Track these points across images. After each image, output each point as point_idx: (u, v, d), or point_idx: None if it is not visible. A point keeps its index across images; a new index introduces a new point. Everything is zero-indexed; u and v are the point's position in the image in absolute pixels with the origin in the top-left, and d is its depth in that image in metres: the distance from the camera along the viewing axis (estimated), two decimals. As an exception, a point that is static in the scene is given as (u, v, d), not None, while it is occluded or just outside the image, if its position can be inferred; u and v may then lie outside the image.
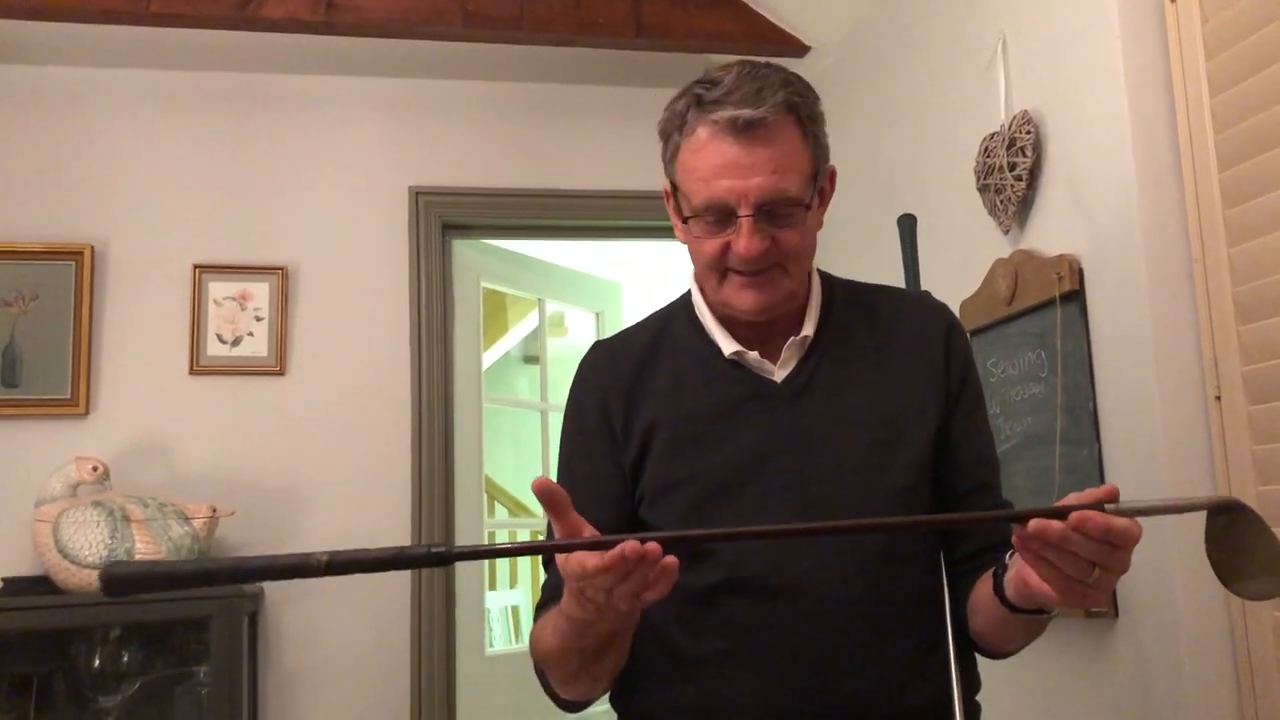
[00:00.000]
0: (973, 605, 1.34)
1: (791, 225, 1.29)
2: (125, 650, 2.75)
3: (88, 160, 3.05)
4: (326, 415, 3.06)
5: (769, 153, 1.26)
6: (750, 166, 1.26)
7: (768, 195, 1.26)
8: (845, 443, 1.34)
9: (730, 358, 1.38)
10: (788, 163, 1.27)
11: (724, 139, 1.26)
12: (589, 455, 1.41)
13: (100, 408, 2.96)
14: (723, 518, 1.32)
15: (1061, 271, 2.00)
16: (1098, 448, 1.92)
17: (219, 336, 3.04)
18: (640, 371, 1.41)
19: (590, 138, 3.33)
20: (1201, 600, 1.74)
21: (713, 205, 1.28)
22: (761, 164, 1.26)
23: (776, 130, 1.26)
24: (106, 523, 2.63)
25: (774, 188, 1.26)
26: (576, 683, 1.31)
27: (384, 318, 3.14)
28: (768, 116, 1.25)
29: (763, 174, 1.26)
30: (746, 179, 1.26)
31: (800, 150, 1.29)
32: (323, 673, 2.95)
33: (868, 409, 1.36)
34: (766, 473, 1.32)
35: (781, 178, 1.26)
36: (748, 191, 1.26)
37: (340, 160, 3.19)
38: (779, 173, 1.26)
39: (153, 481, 2.90)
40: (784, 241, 1.29)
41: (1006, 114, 2.19)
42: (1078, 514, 1.02)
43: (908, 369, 1.39)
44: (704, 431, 1.35)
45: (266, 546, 2.96)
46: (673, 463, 1.35)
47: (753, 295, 1.32)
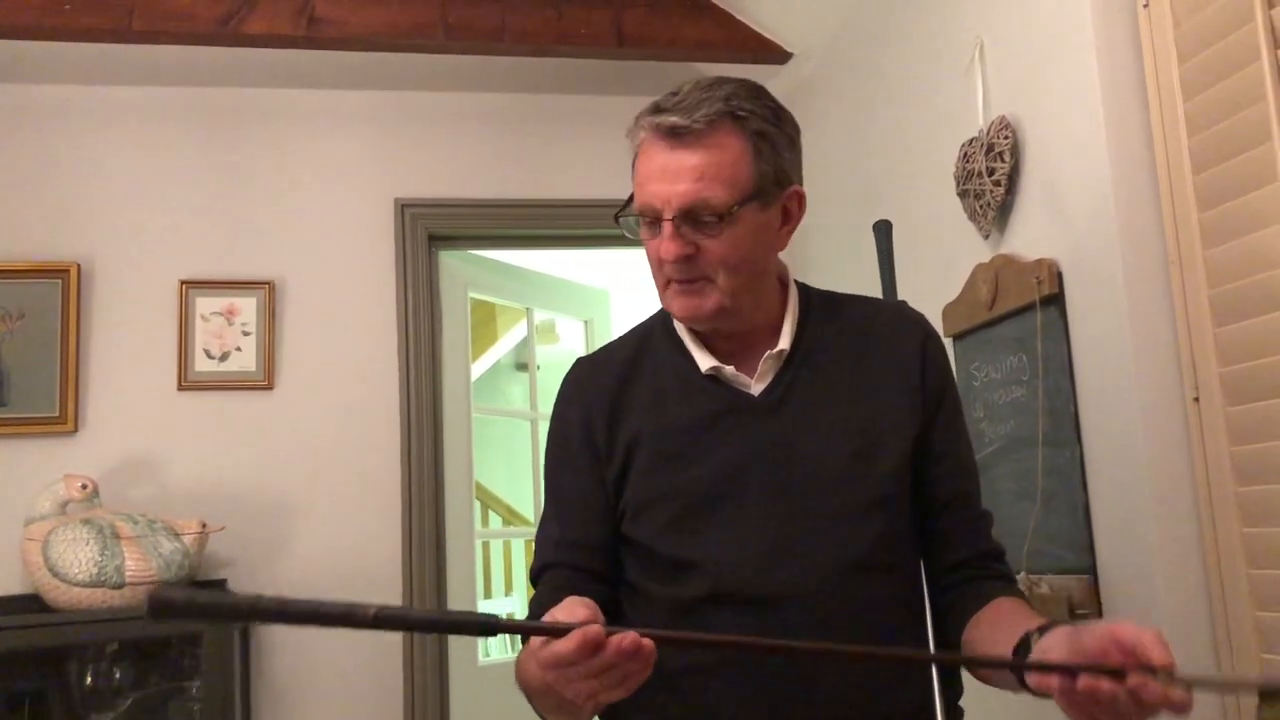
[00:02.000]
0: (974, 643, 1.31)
1: (715, 235, 1.30)
2: (118, 667, 2.74)
3: (72, 178, 3.06)
4: (315, 429, 3.06)
5: (696, 160, 1.28)
6: (676, 173, 1.29)
7: (689, 202, 1.28)
8: (823, 454, 1.35)
9: (708, 373, 1.39)
10: (715, 172, 1.28)
11: (658, 144, 1.30)
12: (574, 470, 1.43)
13: (89, 425, 2.96)
14: (704, 531, 1.33)
15: (1041, 275, 2.01)
16: (1079, 450, 1.94)
17: (207, 352, 3.05)
18: (622, 387, 1.42)
19: (574, 147, 3.34)
20: (1182, 600, 1.76)
21: (644, 209, 1.32)
22: (686, 171, 1.28)
23: (709, 139, 1.28)
24: (96, 540, 2.63)
25: (696, 195, 1.28)
26: (559, 714, 1.31)
27: (372, 330, 3.15)
28: (696, 125, 1.28)
29: (687, 181, 1.28)
30: (671, 184, 1.29)
31: (738, 162, 1.30)
32: (315, 686, 2.95)
33: (845, 420, 1.37)
34: (746, 485, 1.34)
35: (705, 186, 1.28)
36: (670, 197, 1.29)
37: (325, 174, 3.20)
38: (703, 181, 1.28)
39: (142, 498, 2.90)
40: (709, 251, 1.31)
41: (985, 119, 2.20)
42: (1135, 682, 0.97)
43: (885, 380, 1.40)
44: (684, 446, 1.36)
45: (257, 561, 2.96)
46: (654, 477, 1.37)
47: (682, 302, 1.35)
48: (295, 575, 2.97)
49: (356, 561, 3.02)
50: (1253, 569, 1.67)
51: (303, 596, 2.97)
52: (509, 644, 5.75)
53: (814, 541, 1.31)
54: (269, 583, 2.95)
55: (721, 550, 1.32)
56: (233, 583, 2.93)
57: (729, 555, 1.32)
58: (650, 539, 1.36)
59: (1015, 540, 2.06)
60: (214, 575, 2.92)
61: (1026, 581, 2.02)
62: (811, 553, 1.31)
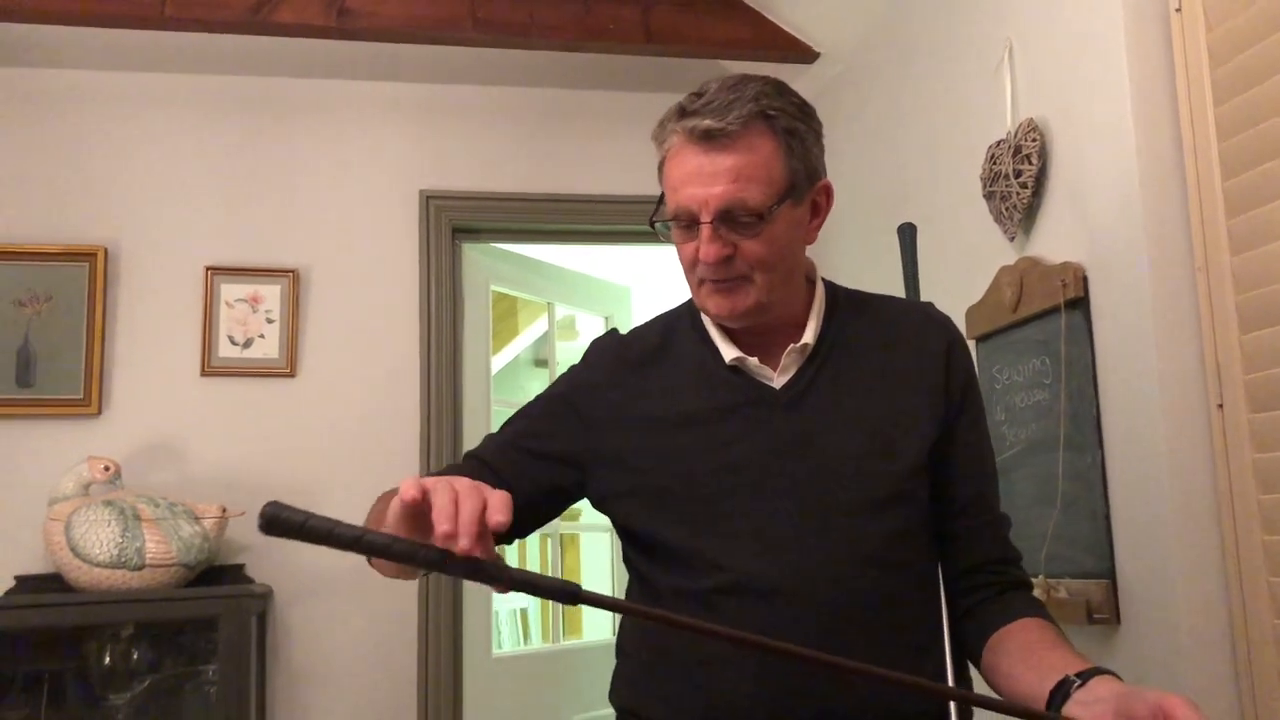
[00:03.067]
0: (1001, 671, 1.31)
1: (753, 234, 1.31)
2: (135, 649, 2.77)
3: (102, 163, 3.08)
4: (336, 417, 3.08)
5: (731, 162, 1.29)
6: (712, 175, 1.29)
7: (727, 203, 1.29)
8: (841, 449, 1.35)
9: (731, 364, 1.39)
10: (751, 172, 1.29)
11: (691, 148, 1.30)
12: (550, 423, 1.44)
13: (112, 408, 2.99)
14: (718, 522, 1.33)
15: (1066, 279, 2.00)
16: (1100, 455, 1.93)
17: (230, 338, 3.07)
18: (644, 368, 1.43)
19: (599, 143, 3.35)
20: (1202, 607, 1.75)
21: (680, 212, 1.33)
22: (723, 173, 1.29)
23: (743, 140, 1.29)
24: (118, 521, 2.66)
25: (733, 196, 1.29)
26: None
27: (394, 321, 3.16)
28: (730, 127, 1.28)
29: (723, 183, 1.29)
30: (708, 187, 1.29)
31: (771, 161, 1.31)
32: (330, 672, 2.97)
33: (865, 417, 1.37)
34: (763, 477, 1.34)
35: (742, 187, 1.29)
36: (708, 200, 1.29)
37: (351, 164, 3.22)
38: (739, 182, 1.29)
39: (163, 481, 2.93)
40: (747, 250, 1.32)
41: (1013, 121, 2.20)
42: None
43: (908, 380, 1.40)
44: (700, 434, 1.37)
45: (276, 547, 2.98)
46: (669, 464, 1.36)
47: (718, 301, 1.36)
48: (312, 563, 2.99)
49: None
50: (1273, 577, 1.67)
51: (319, 581, 2.95)
52: (521, 637, 5.77)
53: (828, 535, 1.32)
54: (286, 568, 2.97)
55: (736, 542, 1.32)
56: (251, 568, 2.95)
57: (743, 547, 1.32)
58: (661, 528, 1.36)
59: (1034, 543, 2.06)
60: (232, 560, 2.94)
61: (1044, 585, 2.01)
62: (825, 546, 1.31)
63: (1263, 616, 1.68)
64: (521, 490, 1.39)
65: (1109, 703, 1.07)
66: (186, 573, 2.72)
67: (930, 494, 1.39)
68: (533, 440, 1.44)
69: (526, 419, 1.48)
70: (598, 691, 3.72)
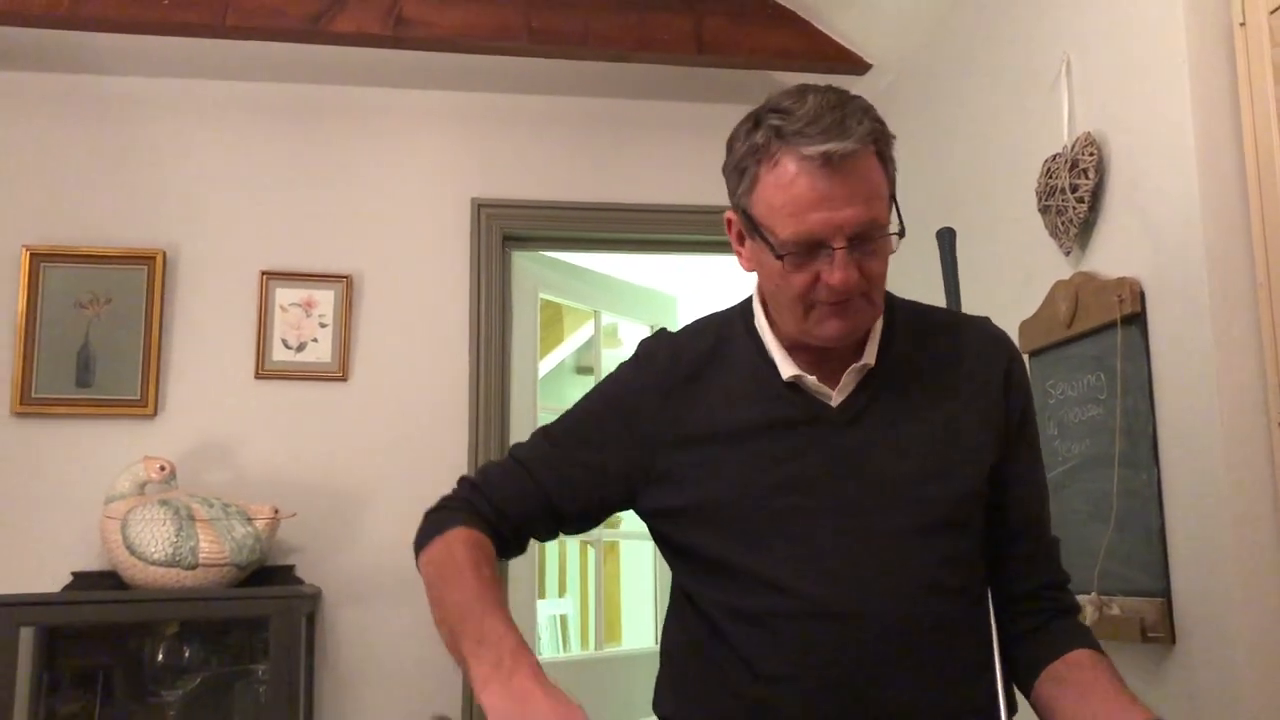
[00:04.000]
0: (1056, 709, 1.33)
1: (879, 253, 1.30)
2: (187, 646, 2.81)
3: (161, 168, 3.14)
4: (387, 421, 3.11)
5: (858, 183, 1.26)
6: (843, 198, 1.25)
7: (860, 226, 1.27)
8: (897, 472, 1.33)
9: (789, 380, 1.37)
10: (873, 190, 1.28)
11: (815, 173, 1.25)
12: (603, 431, 1.41)
13: (168, 409, 3.04)
14: (771, 540, 1.32)
15: (1123, 294, 1.99)
16: (1157, 472, 1.91)
17: (284, 342, 3.11)
18: (695, 378, 1.40)
19: (650, 152, 3.36)
20: (1261, 628, 1.73)
21: (804, 239, 1.27)
22: (853, 195, 1.26)
23: (862, 160, 1.26)
24: (173, 521, 2.70)
25: (866, 218, 1.27)
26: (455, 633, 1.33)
27: (444, 327, 3.19)
28: (858, 149, 1.25)
29: (855, 205, 1.26)
30: (839, 210, 1.26)
31: (881, 177, 1.29)
32: (377, 673, 3.00)
33: (922, 440, 1.35)
34: (818, 497, 1.32)
35: (870, 206, 1.27)
36: (842, 223, 1.26)
37: (405, 171, 3.25)
38: (868, 201, 1.27)
39: (217, 482, 2.97)
40: (870, 269, 1.30)
41: (1069, 135, 2.19)
42: None
43: (966, 402, 1.38)
44: (755, 450, 1.35)
45: (326, 548, 3.02)
46: (722, 481, 1.35)
47: (837, 324, 1.32)
48: (361, 565, 3.03)
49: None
50: (1335, 599, 1.64)
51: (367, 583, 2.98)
52: (560, 644, 5.79)
53: (883, 559, 1.30)
54: (336, 570, 3.00)
55: (790, 563, 1.31)
56: (301, 569, 2.98)
57: (797, 568, 1.31)
58: (712, 546, 1.35)
59: (1087, 560, 2.04)
60: (283, 561, 2.98)
61: (1098, 602, 2.00)
62: (880, 570, 1.30)
63: (1323, 639, 1.66)
64: (566, 500, 1.42)
65: None
66: (238, 573, 2.76)
67: (985, 517, 1.39)
68: (582, 451, 1.42)
69: (577, 427, 1.45)
70: (638, 699, 3.71)
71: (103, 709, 2.82)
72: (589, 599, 5.64)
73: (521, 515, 1.42)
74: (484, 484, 1.44)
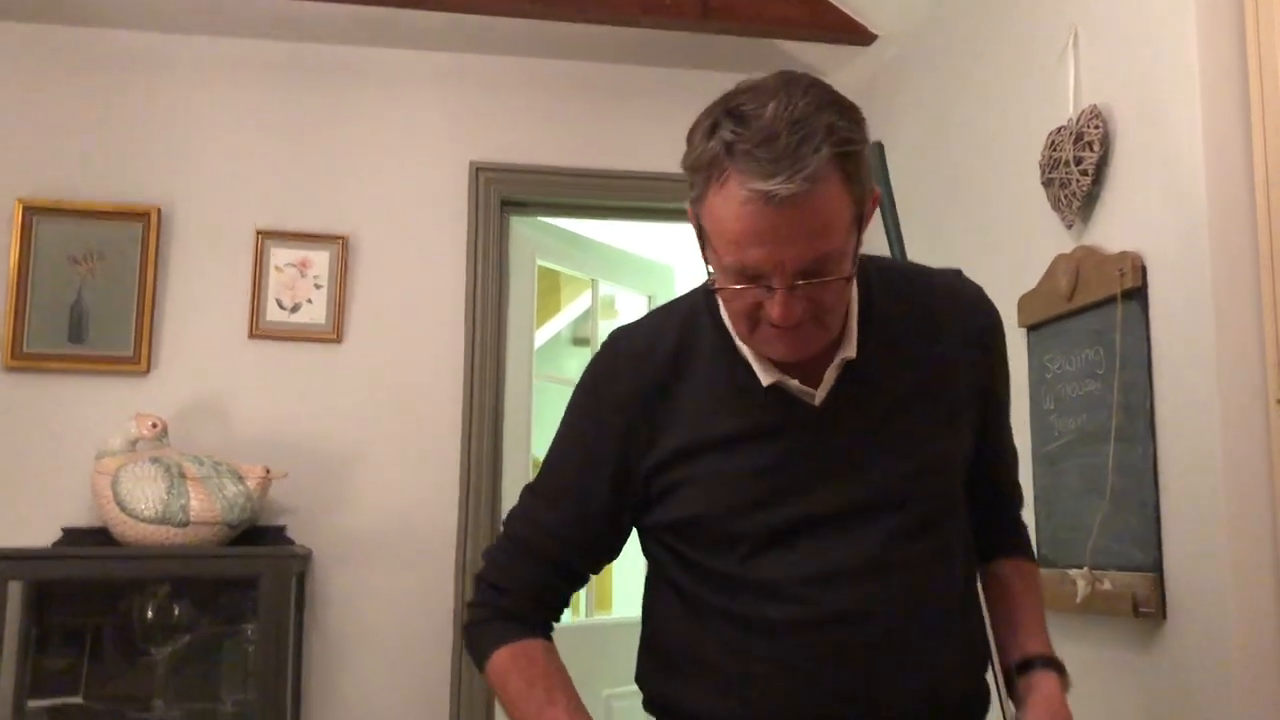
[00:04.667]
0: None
1: (830, 284, 1.19)
2: (177, 605, 2.80)
3: (157, 124, 3.11)
4: (380, 384, 3.10)
5: (806, 220, 1.14)
6: (787, 237, 1.14)
7: (806, 264, 1.16)
8: (887, 468, 1.30)
9: (769, 386, 1.30)
10: (827, 221, 1.16)
11: (759, 210, 1.13)
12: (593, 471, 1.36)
13: (161, 366, 3.02)
14: (760, 549, 1.30)
15: (1124, 268, 1.98)
16: (1153, 447, 1.91)
17: (279, 302, 3.09)
18: (667, 389, 1.32)
19: (653, 119, 3.33)
20: (1253, 604, 1.73)
21: (744, 270, 1.18)
22: (796, 233, 1.14)
23: (817, 193, 1.13)
24: (164, 478, 2.69)
25: (813, 256, 1.16)
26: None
27: (440, 291, 3.17)
28: (807, 189, 1.12)
29: (801, 242, 1.15)
30: (782, 250, 1.15)
31: (842, 200, 1.16)
32: (367, 636, 2.99)
33: (911, 430, 1.32)
34: (806, 502, 1.29)
35: (818, 243, 1.16)
36: (784, 261, 1.15)
37: (404, 133, 3.22)
38: (819, 236, 1.15)
39: (209, 441, 2.96)
40: (821, 300, 1.20)
41: (1075, 108, 2.17)
42: None
43: (950, 378, 1.35)
44: (737, 462, 1.30)
45: (317, 510, 3.01)
46: (706, 494, 1.30)
47: (784, 348, 1.24)
48: (352, 526, 3.02)
49: (412, 518, 3.06)
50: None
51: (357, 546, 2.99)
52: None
53: (879, 561, 1.29)
54: (327, 531, 3.00)
55: (786, 568, 1.29)
56: (292, 529, 2.98)
57: (794, 573, 1.28)
58: (707, 557, 1.32)
59: (1080, 535, 2.04)
60: (274, 521, 2.97)
61: (1089, 576, 2.00)
62: (878, 573, 1.28)
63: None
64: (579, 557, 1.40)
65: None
66: (229, 532, 2.75)
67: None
68: (574, 506, 1.37)
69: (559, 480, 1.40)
70: (628, 668, 3.70)
71: (91, 666, 2.82)
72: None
73: (547, 590, 1.41)
74: (499, 579, 1.40)
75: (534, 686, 1.32)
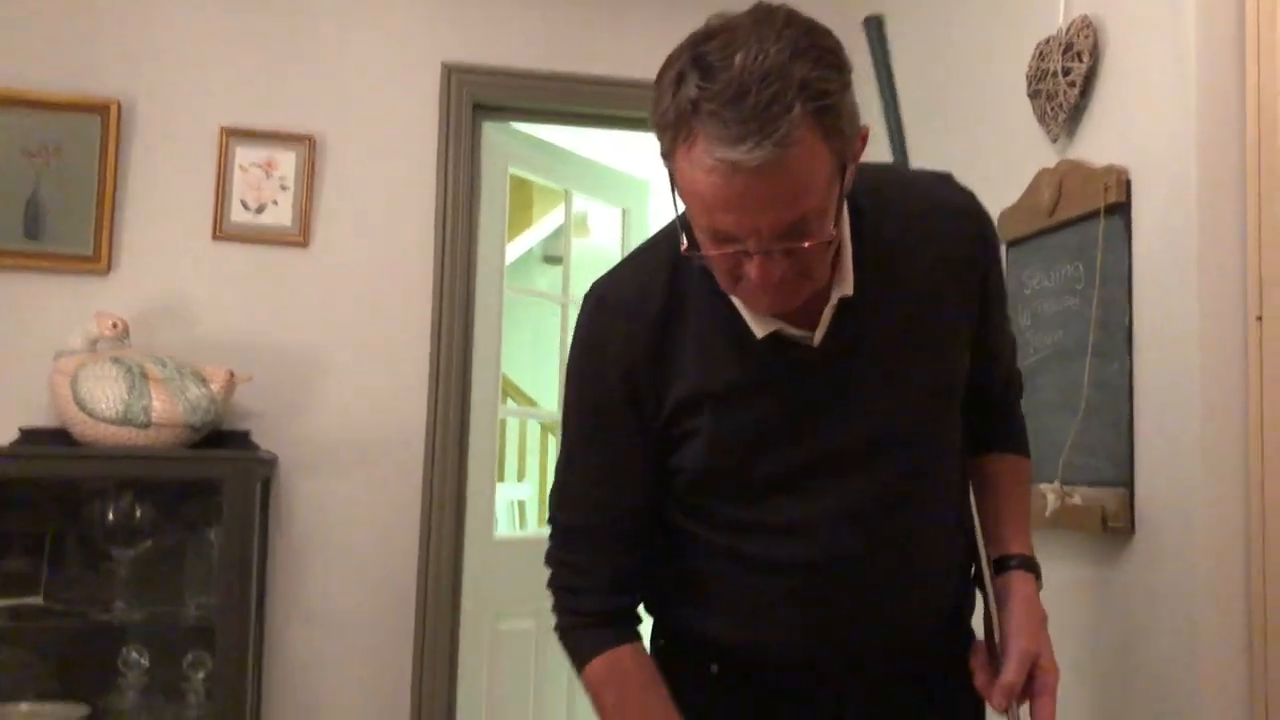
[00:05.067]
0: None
1: (812, 240, 1.12)
2: (139, 507, 2.77)
3: (118, 14, 2.98)
4: (348, 290, 3.04)
5: (782, 184, 1.07)
6: (761, 203, 1.08)
7: (783, 228, 1.10)
8: (893, 403, 1.30)
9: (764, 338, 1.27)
10: (803, 183, 1.08)
11: (727, 177, 1.06)
12: (617, 430, 1.32)
13: (122, 266, 2.94)
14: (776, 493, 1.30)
15: (1109, 182, 1.95)
16: (1129, 362, 1.90)
17: (244, 203, 3.01)
18: (662, 339, 1.28)
19: (633, 24, 3.23)
20: (1222, 520, 1.74)
21: (718, 234, 1.13)
22: (771, 198, 1.07)
23: (790, 156, 1.05)
24: (124, 378, 2.63)
25: (789, 220, 1.09)
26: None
27: (410, 195, 3.10)
28: (777, 155, 1.04)
29: (777, 208, 1.08)
30: (756, 217, 1.09)
31: (819, 158, 1.09)
32: (332, 543, 2.97)
33: (911, 364, 1.31)
34: (815, 442, 1.28)
35: (797, 204, 1.09)
36: (758, 227, 1.09)
37: (375, 31, 3.12)
38: (795, 199, 1.08)
39: (171, 343, 2.89)
40: (804, 254, 1.13)
41: (1065, 18, 2.12)
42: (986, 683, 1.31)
43: (945, 294, 1.32)
44: (738, 410, 1.27)
45: (283, 416, 2.97)
46: (714, 445, 1.28)
47: (769, 301, 1.19)
48: (318, 432, 2.98)
49: (380, 426, 3.03)
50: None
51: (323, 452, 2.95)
52: (517, 522, 5.81)
53: (885, 502, 1.30)
54: (293, 438, 2.96)
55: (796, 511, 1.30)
56: (257, 436, 2.93)
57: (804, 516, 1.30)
58: (722, 509, 1.32)
59: (1052, 450, 2.03)
60: (238, 426, 2.93)
61: (1059, 491, 2.00)
62: (884, 514, 1.30)
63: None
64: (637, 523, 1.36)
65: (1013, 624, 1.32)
66: (192, 434, 2.70)
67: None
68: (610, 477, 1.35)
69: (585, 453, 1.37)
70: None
71: (51, 568, 2.78)
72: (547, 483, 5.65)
73: (618, 572, 1.37)
74: (569, 580, 1.38)
75: (626, 709, 1.32)
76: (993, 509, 1.42)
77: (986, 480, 1.45)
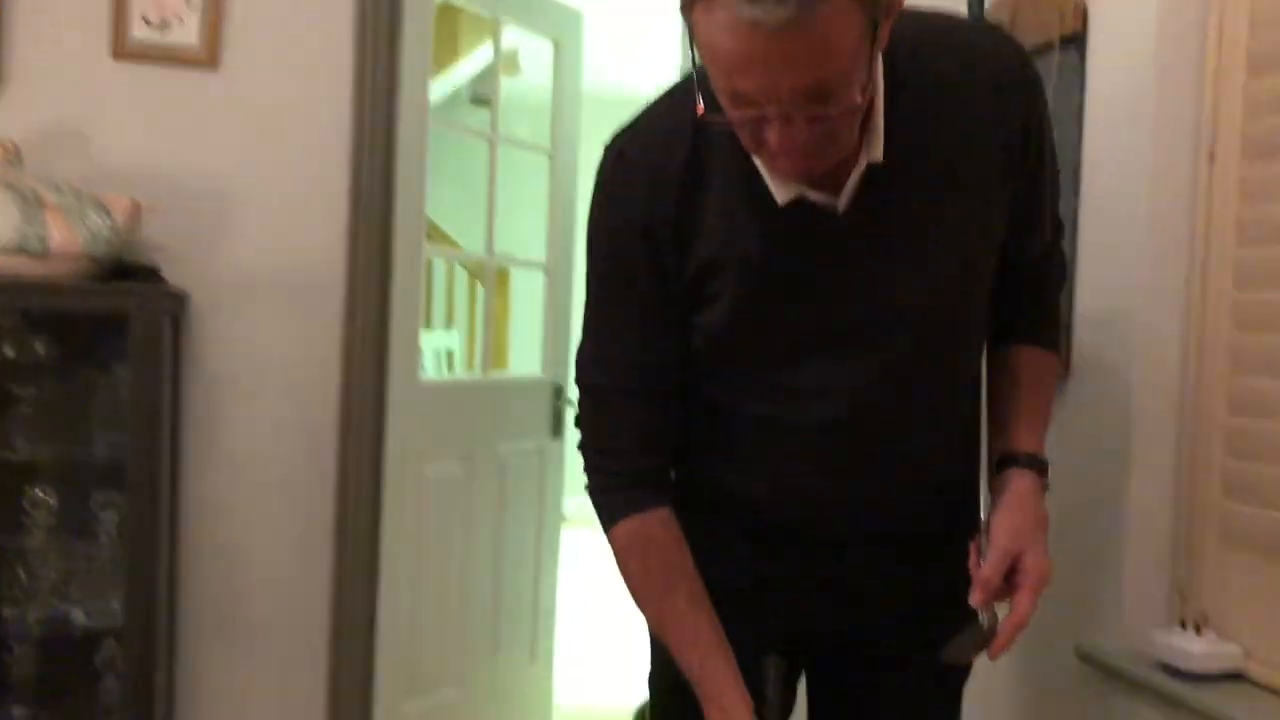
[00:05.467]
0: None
1: (840, 104, 1.06)
2: (40, 343, 2.63)
3: None
4: (260, 116, 2.85)
5: (805, 44, 1.01)
6: (781, 64, 1.02)
7: (804, 91, 1.04)
8: (914, 273, 1.26)
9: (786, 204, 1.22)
10: (829, 45, 1.02)
11: (747, 36, 1.01)
12: (640, 283, 1.29)
13: (11, 85, 2.72)
14: (794, 360, 1.28)
15: (1065, 10, 1.86)
16: (1075, 202, 1.85)
17: (145, 19, 2.79)
18: (684, 199, 1.24)
19: None
20: (1158, 363, 1.73)
21: (736, 97, 1.07)
22: (793, 60, 1.01)
23: (818, 12, 0.99)
24: (17, 204, 2.45)
25: (811, 82, 1.03)
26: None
27: (327, 13, 2.89)
28: (798, 16, 0.99)
29: (798, 70, 1.02)
30: (776, 80, 1.03)
31: (848, 16, 1.02)
32: (248, 382, 2.87)
33: (939, 233, 1.25)
34: (829, 317, 1.27)
35: (821, 66, 1.03)
36: (779, 90, 1.04)
37: None
38: (819, 62, 1.02)
39: (68, 169, 2.70)
40: (832, 118, 1.08)
41: None
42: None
43: (979, 161, 1.25)
44: (760, 275, 1.24)
45: (193, 251, 2.82)
46: (735, 309, 1.26)
47: (793, 166, 1.14)
48: (232, 269, 2.84)
49: (297, 262, 2.89)
50: (1240, 333, 1.62)
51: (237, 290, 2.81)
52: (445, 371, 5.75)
53: (901, 376, 1.29)
54: (204, 276, 2.82)
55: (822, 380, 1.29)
56: (167, 271, 2.79)
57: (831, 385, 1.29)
58: (742, 377, 1.32)
59: (991, 292, 1.99)
60: (146, 261, 2.77)
61: (996, 334, 1.96)
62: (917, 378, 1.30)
63: (1219, 375, 1.65)
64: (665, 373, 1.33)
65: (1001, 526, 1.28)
66: (95, 266, 2.54)
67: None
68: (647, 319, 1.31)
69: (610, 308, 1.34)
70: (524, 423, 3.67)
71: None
72: (476, 331, 5.56)
73: (647, 432, 1.35)
74: (596, 441, 1.37)
75: (650, 574, 1.33)
76: (1009, 403, 1.39)
77: (1007, 372, 1.41)
